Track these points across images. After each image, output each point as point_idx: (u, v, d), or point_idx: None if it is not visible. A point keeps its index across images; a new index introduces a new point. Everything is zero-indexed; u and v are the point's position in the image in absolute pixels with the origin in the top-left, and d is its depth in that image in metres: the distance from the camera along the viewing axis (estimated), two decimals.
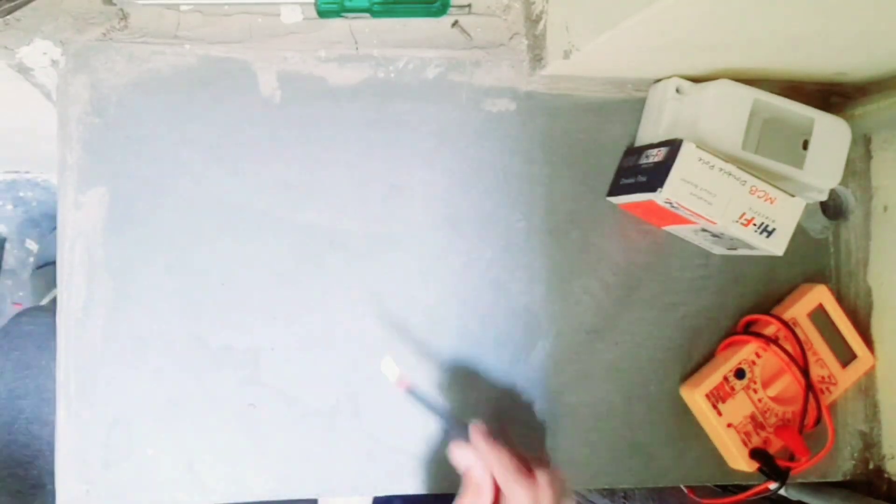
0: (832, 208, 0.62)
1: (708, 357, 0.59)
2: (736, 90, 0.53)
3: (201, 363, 0.53)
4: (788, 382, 0.57)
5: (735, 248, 0.56)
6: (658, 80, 0.57)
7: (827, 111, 0.55)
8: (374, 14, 0.54)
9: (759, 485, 0.56)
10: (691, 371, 0.59)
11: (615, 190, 0.57)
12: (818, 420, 0.57)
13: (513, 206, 0.57)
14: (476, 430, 0.46)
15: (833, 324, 0.59)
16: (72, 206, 0.52)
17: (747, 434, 0.56)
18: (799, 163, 0.54)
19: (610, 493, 0.84)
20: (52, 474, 0.51)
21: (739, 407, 0.56)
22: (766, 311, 0.58)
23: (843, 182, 0.58)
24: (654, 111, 0.56)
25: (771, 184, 0.52)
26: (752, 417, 0.56)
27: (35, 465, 0.62)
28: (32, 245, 1.27)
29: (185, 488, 0.52)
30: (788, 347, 0.56)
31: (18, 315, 0.72)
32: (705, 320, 0.59)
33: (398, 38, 0.55)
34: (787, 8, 0.42)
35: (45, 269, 1.21)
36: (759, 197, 0.51)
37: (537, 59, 0.55)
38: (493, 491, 0.45)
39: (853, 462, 0.61)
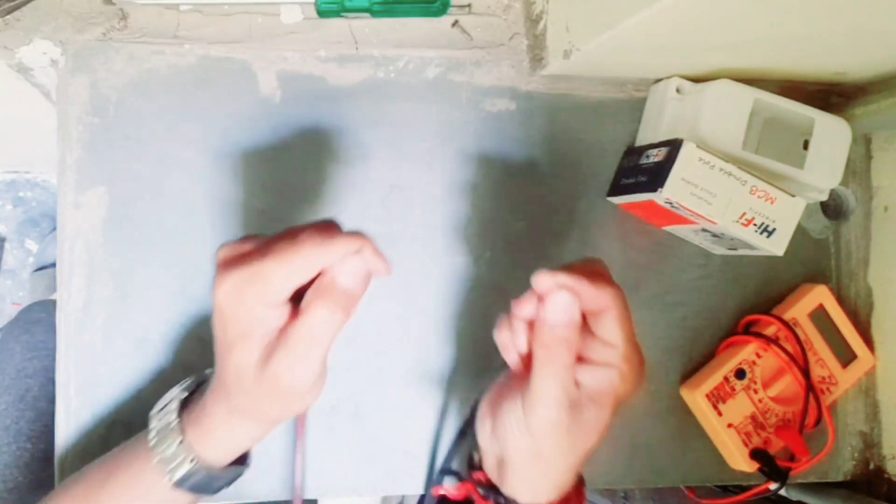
0: (833, 208, 0.62)
1: (708, 357, 0.59)
2: (736, 90, 0.53)
3: (202, 364, 0.53)
4: (789, 383, 0.57)
5: (735, 249, 0.56)
6: (658, 80, 0.57)
7: (827, 111, 0.55)
8: (374, 14, 0.53)
9: (759, 485, 0.56)
10: (691, 371, 0.58)
11: (615, 190, 0.57)
12: (818, 420, 0.57)
13: (513, 207, 0.56)
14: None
15: (833, 324, 0.58)
16: (71, 206, 0.52)
17: (748, 434, 0.56)
18: (799, 163, 0.54)
19: (610, 493, 0.84)
20: None
21: (740, 407, 0.56)
22: (767, 312, 0.58)
23: (844, 182, 0.58)
24: (654, 111, 0.56)
25: (771, 184, 0.51)
26: (753, 418, 0.56)
27: (42, 438, 0.65)
28: (32, 245, 1.27)
29: None
30: (789, 348, 0.56)
31: (30, 305, 0.77)
32: (705, 320, 0.59)
33: (398, 37, 0.55)
34: (786, 8, 0.42)
35: (45, 271, 1.21)
36: (759, 197, 0.51)
37: (537, 58, 0.55)
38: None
39: (853, 462, 0.61)
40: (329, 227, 0.36)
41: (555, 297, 0.38)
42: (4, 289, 1.27)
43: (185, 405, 0.42)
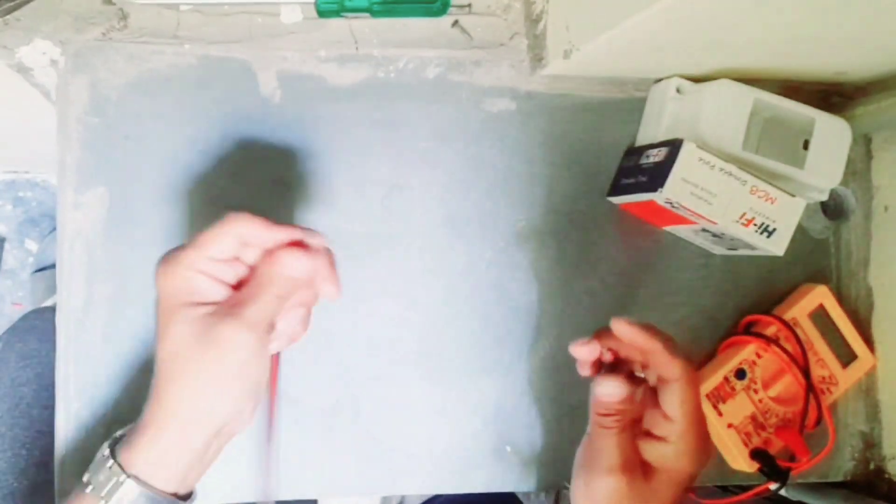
0: (833, 208, 0.62)
1: (708, 357, 0.59)
2: (736, 90, 0.53)
3: None
4: (789, 383, 0.57)
5: (735, 249, 0.56)
6: (658, 80, 0.57)
7: (827, 111, 0.55)
8: (374, 14, 0.53)
9: (759, 485, 0.56)
10: None
11: (615, 190, 0.57)
12: (819, 420, 0.57)
13: (513, 207, 0.56)
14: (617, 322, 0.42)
15: (834, 324, 0.58)
16: (71, 207, 0.52)
17: (748, 434, 0.56)
18: (800, 163, 0.54)
19: None
20: (52, 453, 0.51)
21: (740, 407, 0.56)
22: (767, 312, 0.58)
23: (844, 182, 0.58)
24: (654, 111, 0.56)
25: (771, 184, 0.51)
26: (753, 418, 0.56)
27: (36, 445, 0.65)
28: (32, 245, 1.27)
29: None
30: (789, 348, 0.56)
31: (27, 313, 0.77)
32: (706, 321, 0.59)
33: (398, 37, 0.55)
34: (786, 8, 0.42)
35: (45, 272, 1.21)
36: (759, 197, 0.51)
37: (538, 58, 0.55)
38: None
39: (854, 462, 0.61)
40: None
41: (604, 382, 0.41)
42: (4, 289, 1.27)
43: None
